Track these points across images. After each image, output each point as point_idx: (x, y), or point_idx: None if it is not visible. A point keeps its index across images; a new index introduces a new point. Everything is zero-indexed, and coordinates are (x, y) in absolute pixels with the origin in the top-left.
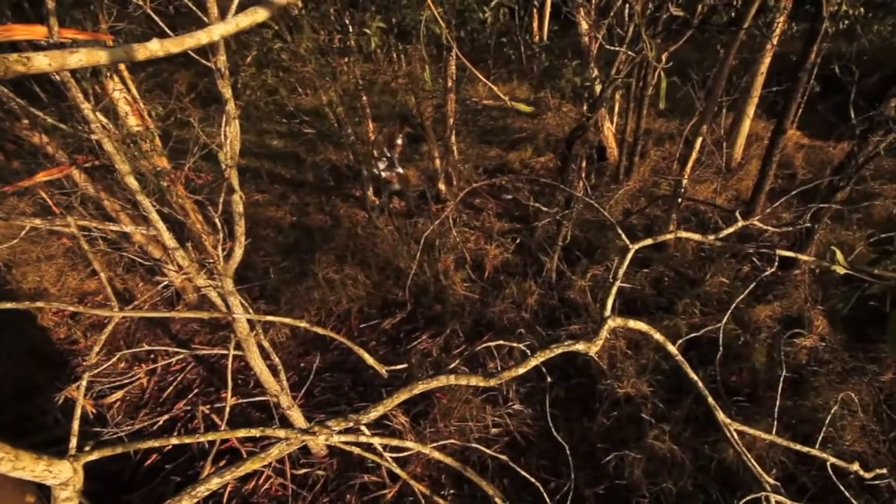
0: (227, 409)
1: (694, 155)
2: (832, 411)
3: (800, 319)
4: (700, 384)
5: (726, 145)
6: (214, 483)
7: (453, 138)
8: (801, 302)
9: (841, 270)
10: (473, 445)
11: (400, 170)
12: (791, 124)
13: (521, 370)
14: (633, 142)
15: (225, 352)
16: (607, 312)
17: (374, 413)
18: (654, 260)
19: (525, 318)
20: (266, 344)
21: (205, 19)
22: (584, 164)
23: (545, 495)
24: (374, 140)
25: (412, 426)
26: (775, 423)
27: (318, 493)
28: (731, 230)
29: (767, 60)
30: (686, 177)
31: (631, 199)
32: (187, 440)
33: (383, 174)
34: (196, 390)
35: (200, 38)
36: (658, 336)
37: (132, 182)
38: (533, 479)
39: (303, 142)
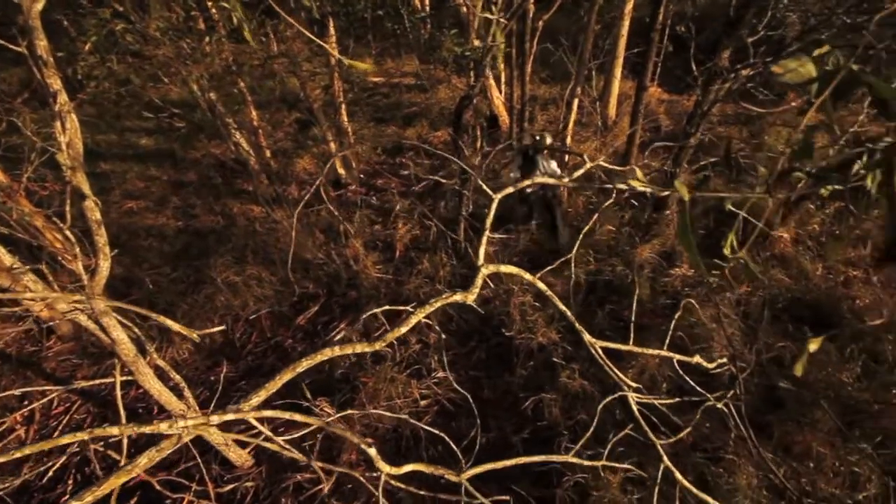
0: (125, 442)
1: (573, 116)
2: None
3: (673, 253)
4: (567, 312)
5: (601, 105)
6: None
7: (345, 119)
8: (672, 237)
9: (638, 185)
10: (374, 411)
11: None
12: (652, 82)
13: (404, 329)
14: (521, 108)
15: (111, 380)
16: (480, 261)
17: (257, 399)
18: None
19: (440, 290)
20: (163, 363)
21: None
22: (478, 133)
23: (455, 449)
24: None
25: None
26: (632, 336)
27: None
28: (580, 172)
29: (626, 24)
30: (569, 136)
31: None
32: None
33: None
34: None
35: None
36: (527, 276)
37: None
38: (443, 435)
39: (176, 137)
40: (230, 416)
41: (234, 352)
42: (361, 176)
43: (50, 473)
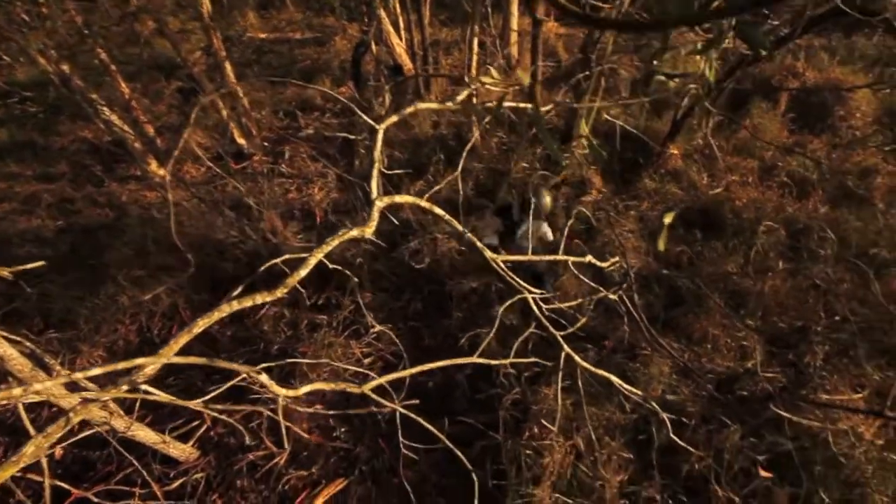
0: (44, 456)
1: (475, 57)
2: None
3: (583, 181)
4: (461, 227)
5: (502, 44)
6: None
7: (233, 80)
8: (580, 167)
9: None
10: (304, 360)
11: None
12: (548, 17)
13: (304, 272)
14: (424, 54)
15: (13, 400)
16: (374, 195)
17: (151, 369)
18: (470, 161)
19: (366, 248)
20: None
21: None
22: (382, 82)
23: (385, 385)
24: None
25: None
26: (530, 249)
27: (203, 494)
28: (463, 95)
29: None
30: (475, 77)
31: (437, 112)
32: None
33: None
34: None
35: None
36: (423, 203)
37: None
38: (370, 373)
39: (33, 124)
40: (97, 372)
41: (155, 350)
42: (265, 144)
43: None
